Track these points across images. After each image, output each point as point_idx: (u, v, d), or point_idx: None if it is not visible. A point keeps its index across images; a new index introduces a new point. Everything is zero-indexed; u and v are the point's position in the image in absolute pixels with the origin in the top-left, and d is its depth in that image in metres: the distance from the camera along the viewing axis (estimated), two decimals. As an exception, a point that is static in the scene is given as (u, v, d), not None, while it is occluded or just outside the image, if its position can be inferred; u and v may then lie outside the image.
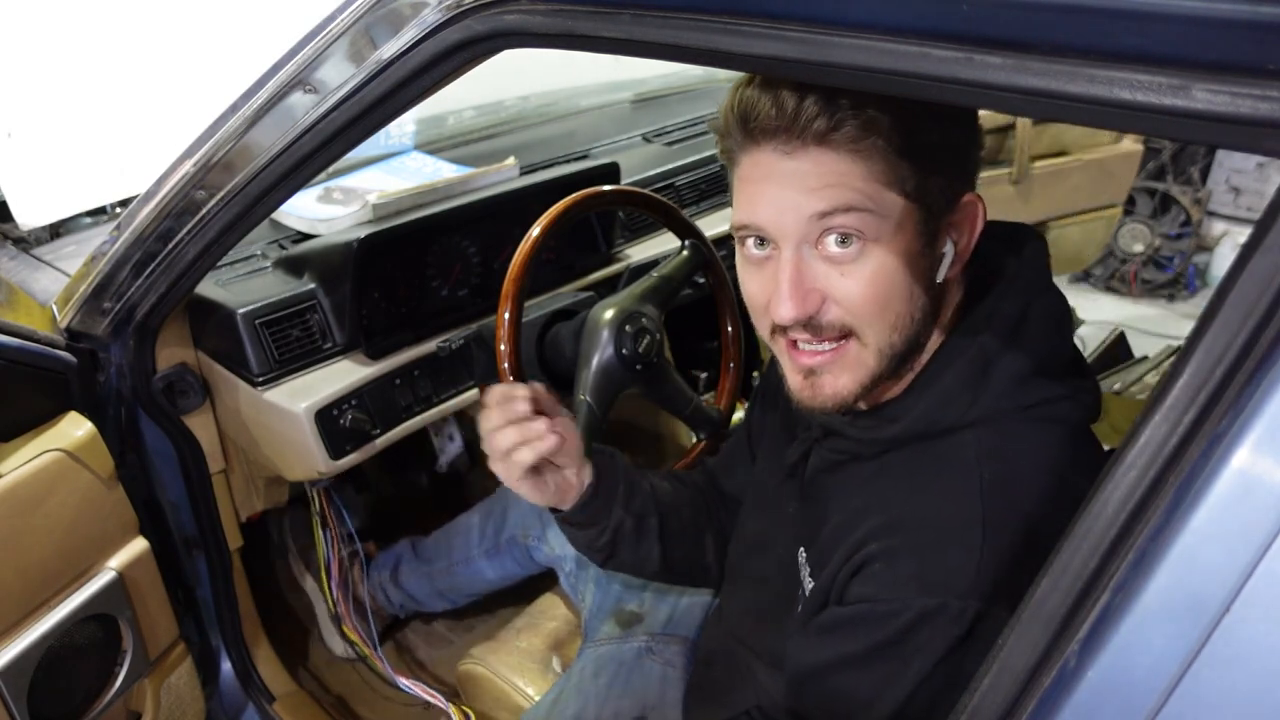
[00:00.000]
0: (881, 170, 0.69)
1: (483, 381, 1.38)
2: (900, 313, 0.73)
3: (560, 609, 1.44)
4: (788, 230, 0.72)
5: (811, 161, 0.70)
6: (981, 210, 0.76)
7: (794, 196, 0.70)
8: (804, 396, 0.78)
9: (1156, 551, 0.43)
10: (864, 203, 0.69)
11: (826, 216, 0.70)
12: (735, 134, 0.74)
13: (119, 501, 1.18)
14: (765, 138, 0.71)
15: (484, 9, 0.73)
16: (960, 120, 0.74)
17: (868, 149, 0.69)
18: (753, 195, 0.74)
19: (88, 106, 1.53)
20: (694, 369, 1.86)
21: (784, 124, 0.69)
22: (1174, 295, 3.94)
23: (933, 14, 0.50)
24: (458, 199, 1.44)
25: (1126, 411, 1.94)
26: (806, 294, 0.72)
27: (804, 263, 0.72)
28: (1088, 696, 0.46)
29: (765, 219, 0.73)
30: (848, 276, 0.72)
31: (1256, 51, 0.40)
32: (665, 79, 2.32)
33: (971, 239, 0.76)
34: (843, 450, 0.83)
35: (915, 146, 0.70)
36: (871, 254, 0.71)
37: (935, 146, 0.71)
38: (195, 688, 1.36)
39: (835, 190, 0.69)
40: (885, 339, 0.74)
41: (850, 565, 0.76)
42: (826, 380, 0.76)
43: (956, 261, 0.76)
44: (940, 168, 0.72)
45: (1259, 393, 0.41)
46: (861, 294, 0.72)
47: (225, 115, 0.97)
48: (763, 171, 0.72)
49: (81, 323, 1.17)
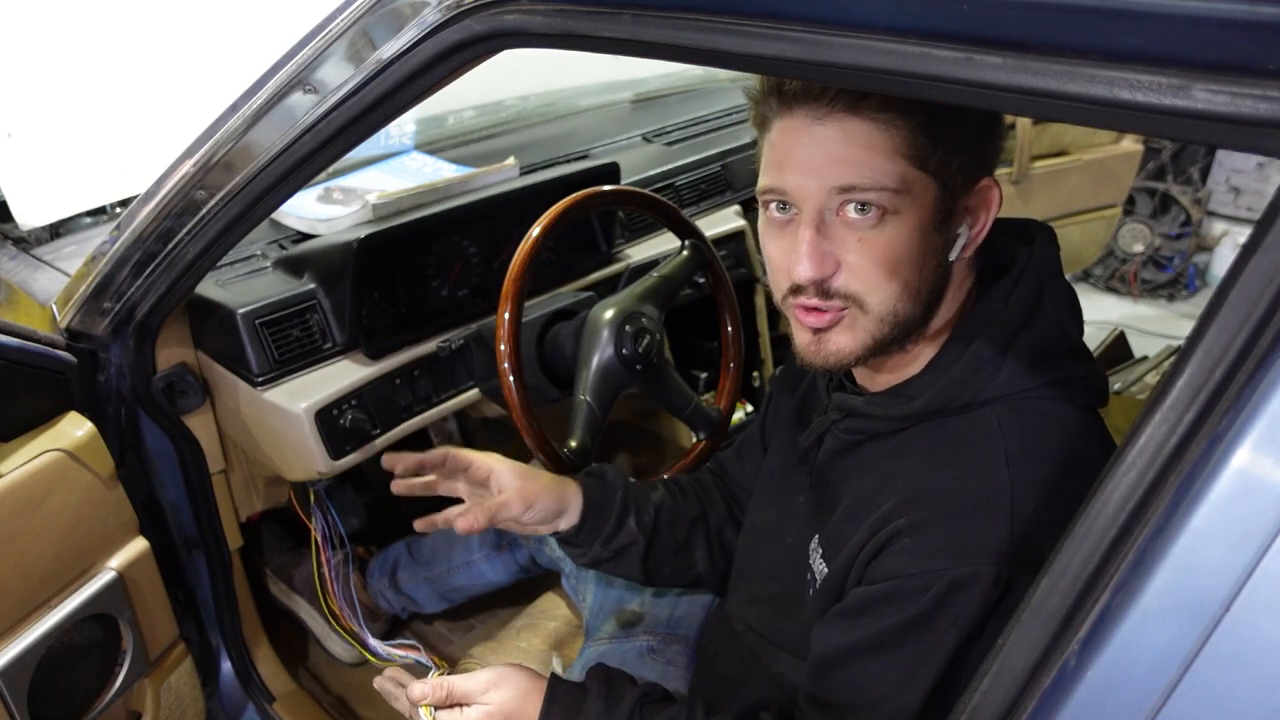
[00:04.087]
0: (905, 144, 0.72)
1: (483, 381, 1.38)
2: (907, 283, 0.76)
3: (561, 609, 1.44)
4: (810, 196, 0.75)
5: (839, 129, 0.72)
6: (998, 196, 0.78)
7: (820, 164, 0.73)
8: (809, 353, 0.81)
9: (1156, 551, 0.43)
10: (885, 178, 0.72)
11: (849, 190, 0.73)
12: (769, 99, 0.76)
13: (119, 501, 1.18)
14: (798, 102, 0.74)
15: (484, 9, 0.73)
16: None
17: (894, 121, 0.71)
18: (781, 160, 0.76)
19: (88, 106, 1.53)
20: (694, 369, 1.86)
21: (815, 91, 0.72)
22: (1174, 295, 3.95)
23: (933, 14, 0.49)
24: (458, 199, 1.44)
25: (1126, 411, 1.94)
26: (823, 257, 0.75)
27: (824, 226, 0.75)
28: (1088, 696, 0.46)
29: (791, 184, 0.76)
30: (864, 243, 0.75)
31: (1256, 51, 0.40)
32: (665, 79, 2.32)
33: (985, 223, 0.79)
34: (860, 430, 0.85)
35: (939, 124, 0.72)
36: (889, 224, 0.74)
37: (958, 126, 0.74)
38: (195, 688, 1.36)
39: (859, 164, 0.72)
40: (889, 307, 0.76)
41: (874, 544, 0.77)
42: (831, 337, 0.79)
43: (970, 244, 0.79)
44: (962, 148, 0.75)
45: (1259, 393, 0.41)
46: (874, 261, 0.75)
47: (225, 115, 0.97)
48: (793, 137, 0.75)
49: (81, 323, 1.17)
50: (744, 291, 1.89)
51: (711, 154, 1.87)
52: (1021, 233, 0.84)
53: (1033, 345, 0.77)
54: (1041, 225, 0.85)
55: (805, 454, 0.94)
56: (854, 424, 0.85)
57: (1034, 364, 0.77)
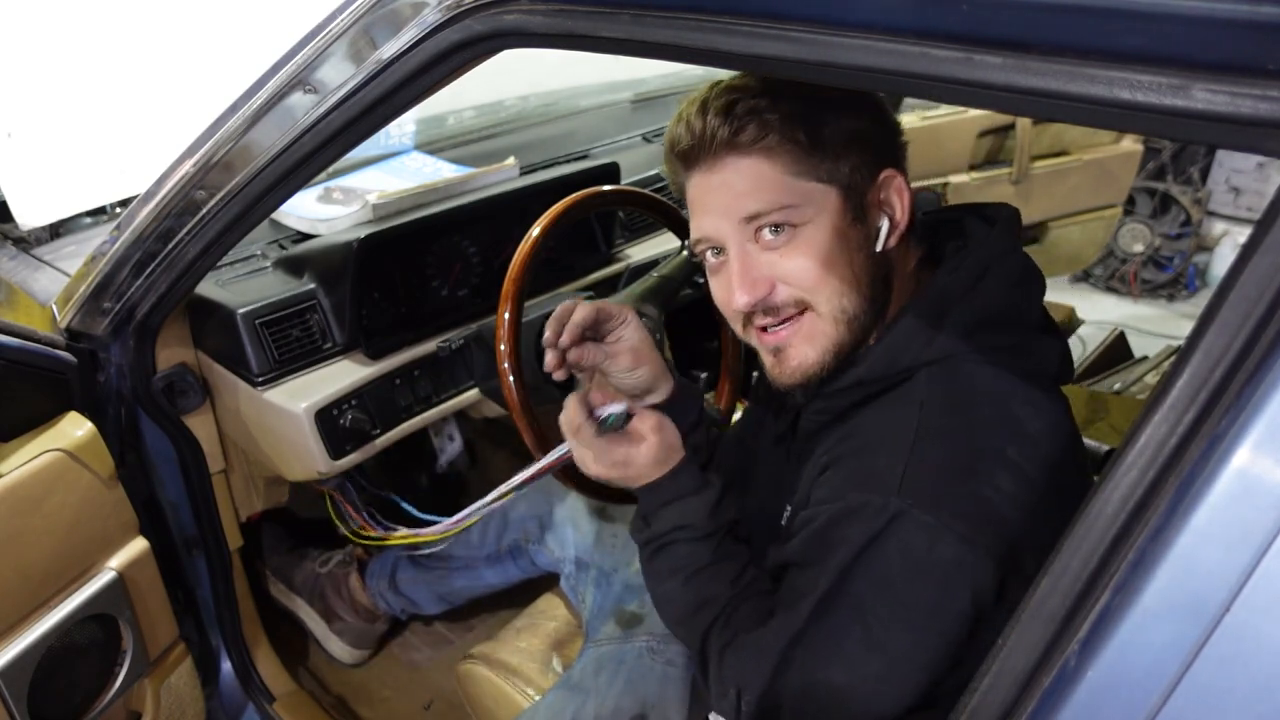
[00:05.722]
0: (790, 162, 0.79)
1: (483, 381, 1.38)
2: (844, 278, 0.81)
3: (560, 609, 1.44)
4: (727, 233, 0.83)
5: (730, 170, 0.81)
6: (904, 182, 0.83)
7: (725, 204, 0.82)
8: (775, 374, 0.87)
9: (1156, 551, 0.43)
10: (783, 198, 0.79)
11: (755, 218, 0.80)
12: (672, 163, 0.86)
13: (119, 501, 1.18)
14: (690, 163, 0.83)
15: (484, 9, 0.73)
16: (859, 107, 0.81)
17: (772, 146, 0.79)
18: (697, 214, 0.86)
19: (88, 106, 1.53)
20: (694, 369, 1.85)
21: (696, 143, 0.81)
22: (1174, 295, 3.95)
23: (933, 14, 0.50)
24: (458, 199, 1.44)
25: (1126, 411, 1.94)
26: (755, 281, 0.82)
27: (748, 256, 0.83)
28: (1088, 696, 0.46)
29: (709, 229, 0.84)
30: (786, 258, 0.81)
31: (1256, 51, 0.40)
32: (665, 79, 2.32)
33: (904, 209, 0.83)
34: (824, 410, 0.88)
35: (817, 136, 0.79)
36: (802, 236, 0.80)
37: (839, 133, 0.80)
38: (195, 688, 1.36)
39: (755, 193, 0.80)
40: (836, 304, 0.82)
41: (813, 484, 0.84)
42: (792, 353, 0.85)
43: (894, 231, 0.83)
44: (847, 151, 0.80)
45: (1259, 393, 0.41)
46: (802, 268, 0.81)
47: (225, 115, 0.97)
48: (698, 192, 0.84)
49: (81, 323, 1.18)
50: (744, 291, 1.88)
51: (711, 154, 1.87)
52: (987, 216, 0.88)
53: (972, 313, 0.80)
54: (1006, 208, 0.88)
55: (780, 438, 0.99)
56: (819, 404, 0.89)
57: (972, 330, 0.80)
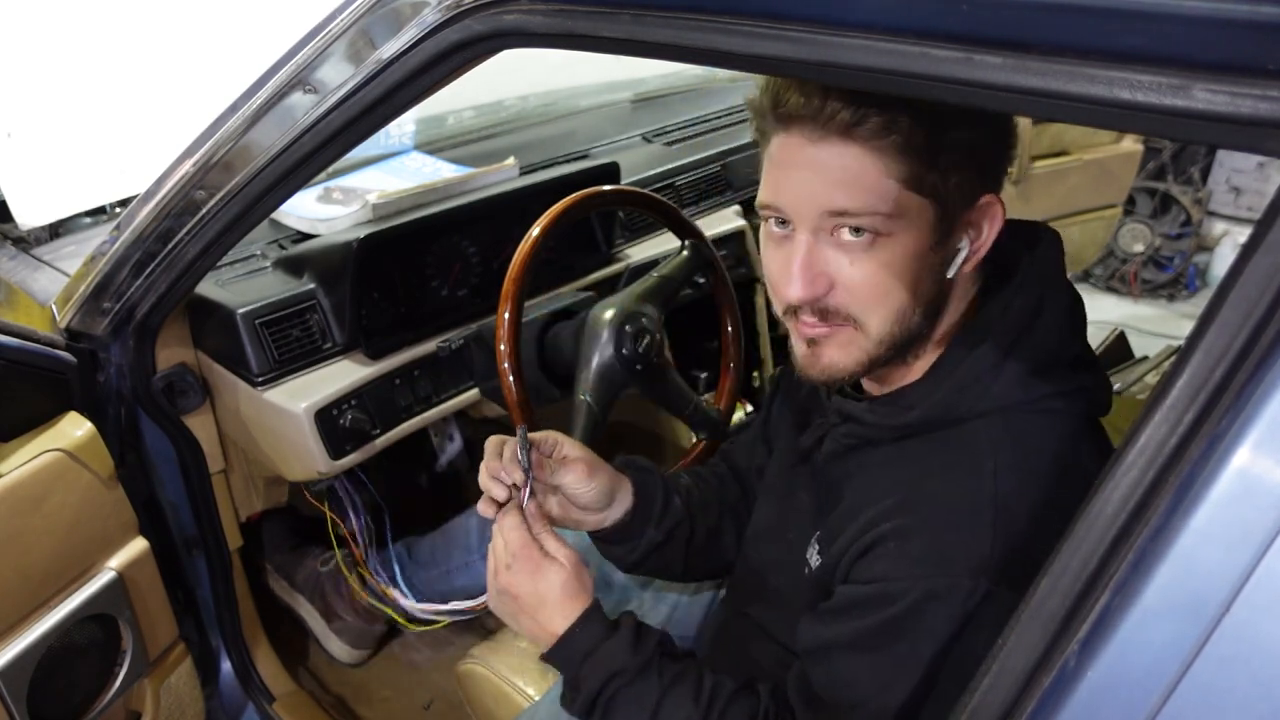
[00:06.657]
0: (899, 167, 0.71)
1: (483, 381, 1.38)
2: (902, 305, 0.76)
3: (560, 609, 1.44)
4: (804, 217, 0.75)
5: (834, 153, 0.72)
6: (1001, 211, 0.77)
7: (814, 186, 0.73)
8: (805, 364, 0.82)
9: (1156, 551, 0.43)
10: (879, 203, 0.72)
11: (841, 215, 0.73)
12: (767, 116, 0.76)
13: (119, 501, 1.18)
14: (794, 123, 0.73)
15: (484, 9, 0.73)
16: (987, 120, 0.75)
17: (888, 146, 0.71)
18: (778, 178, 0.77)
19: (88, 106, 1.53)
20: (694, 369, 1.85)
21: (810, 114, 0.71)
22: (1174, 295, 3.94)
23: (933, 14, 0.49)
24: (458, 199, 1.44)
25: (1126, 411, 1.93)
26: (815, 277, 0.75)
27: (816, 247, 0.75)
28: (1088, 696, 0.46)
29: (786, 203, 0.76)
30: (856, 265, 0.74)
31: (1256, 51, 0.40)
32: (665, 79, 2.31)
33: (988, 237, 0.78)
34: (858, 435, 0.85)
35: (936, 145, 0.71)
36: (882, 246, 0.74)
37: (956, 145, 0.73)
38: (195, 688, 1.36)
39: (853, 187, 0.72)
40: (885, 329, 0.77)
41: (860, 545, 0.77)
42: (826, 351, 0.80)
43: (971, 258, 0.78)
44: (960, 166, 0.73)
45: (1259, 393, 0.41)
46: (867, 282, 0.75)
47: (225, 115, 0.97)
48: (789, 156, 0.75)
49: (81, 323, 1.17)
50: (744, 291, 1.89)
51: (711, 154, 1.87)
52: (1028, 236, 0.83)
53: (1029, 357, 0.77)
54: (1047, 229, 0.84)
55: (807, 454, 0.94)
56: (852, 429, 0.85)
57: (1030, 376, 0.76)
